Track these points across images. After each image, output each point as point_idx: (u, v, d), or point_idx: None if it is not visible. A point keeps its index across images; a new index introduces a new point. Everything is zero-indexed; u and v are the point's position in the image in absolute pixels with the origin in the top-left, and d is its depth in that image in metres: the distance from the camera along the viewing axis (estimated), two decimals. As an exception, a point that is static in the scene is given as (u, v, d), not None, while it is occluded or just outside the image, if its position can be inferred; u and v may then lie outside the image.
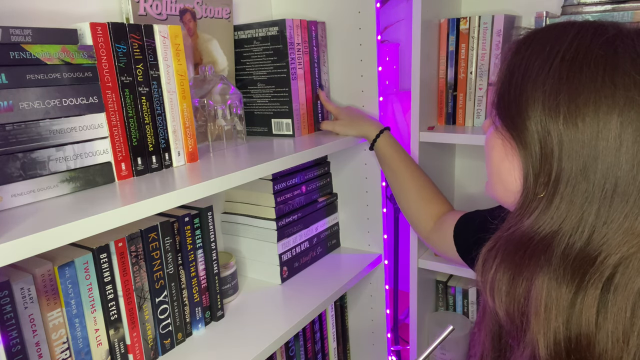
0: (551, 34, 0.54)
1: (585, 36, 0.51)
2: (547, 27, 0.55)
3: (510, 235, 0.55)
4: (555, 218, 0.51)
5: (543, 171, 0.52)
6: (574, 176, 0.49)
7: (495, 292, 0.54)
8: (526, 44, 0.55)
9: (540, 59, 0.52)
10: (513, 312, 0.53)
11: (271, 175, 1.04)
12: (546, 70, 0.51)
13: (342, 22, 1.12)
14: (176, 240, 0.84)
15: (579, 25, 0.52)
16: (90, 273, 0.71)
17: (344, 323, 1.31)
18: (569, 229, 0.50)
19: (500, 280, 0.54)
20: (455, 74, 1.17)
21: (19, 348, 0.63)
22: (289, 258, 1.10)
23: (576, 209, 0.49)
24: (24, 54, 0.60)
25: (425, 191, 0.98)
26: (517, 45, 0.56)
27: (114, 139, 0.72)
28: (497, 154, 0.59)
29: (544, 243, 0.51)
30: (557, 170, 0.50)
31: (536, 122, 0.51)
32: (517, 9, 1.20)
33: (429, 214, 0.96)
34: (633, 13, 0.95)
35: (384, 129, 1.04)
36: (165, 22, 0.90)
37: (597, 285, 0.48)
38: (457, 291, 1.32)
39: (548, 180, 0.51)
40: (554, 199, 0.51)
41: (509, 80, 0.55)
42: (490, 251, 0.56)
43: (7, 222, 0.56)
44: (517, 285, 0.52)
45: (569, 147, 0.49)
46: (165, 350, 0.84)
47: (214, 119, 0.92)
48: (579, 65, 0.49)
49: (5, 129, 0.60)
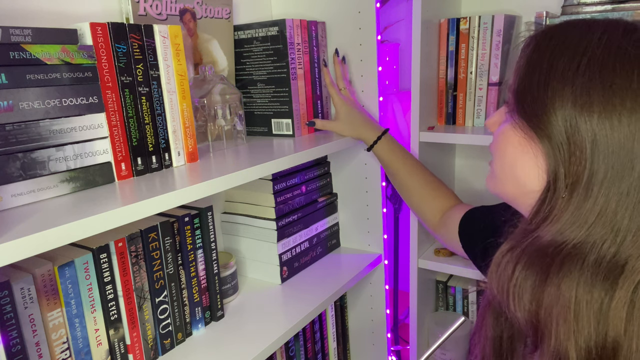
0: (575, 31, 0.52)
1: (614, 34, 0.50)
2: (566, 24, 0.54)
3: (535, 241, 0.53)
4: (587, 222, 0.49)
5: (571, 171, 0.50)
6: (609, 178, 0.48)
7: (516, 298, 0.53)
8: (546, 40, 0.54)
9: (566, 55, 0.51)
10: (536, 318, 0.52)
11: (271, 175, 1.04)
12: (574, 67, 0.50)
13: (342, 22, 1.12)
14: (176, 240, 0.84)
15: (605, 23, 0.51)
16: (90, 273, 0.71)
17: (344, 323, 1.31)
18: (601, 234, 0.49)
19: (522, 286, 0.52)
20: (455, 74, 1.17)
21: (19, 348, 0.63)
22: (289, 258, 1.10)
23: (610, 213, 0.48)
24: (24, 54, 0.60)
25: (429, 187, 0.98)
26: (535, 41, 0.55)
27: (114, 139, 0.72)
28: (513, 149, 0.57)
29: (575, 249, 0.50)
30: (590, 171, 0.49)
31: (564, 119, 0.50)
32: (517, 9, 1.20)
33: (435, 209, 0.96)
34: (633, 13, 0.95)
35: (382, 133, 1.03)
36: (165, 22, 0.90)
37: (628, 289, 0.47)
38: (457, 291, 1.32)
39: (576, 180, 0.50)
40: (585, 202, 0.49)
41: (530, 76, 0.53)
42: (506, 255, 0.55)
43: (7, 222, 0.56)
44: (543, 292, 0.51)
45: (604, 147, 0.48)
46: (165, 350, 0.84)
47: (214, 119, 0.92)
48: (612, 64, 0.48)
49: (5, 129, 0.60)
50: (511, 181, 0.59)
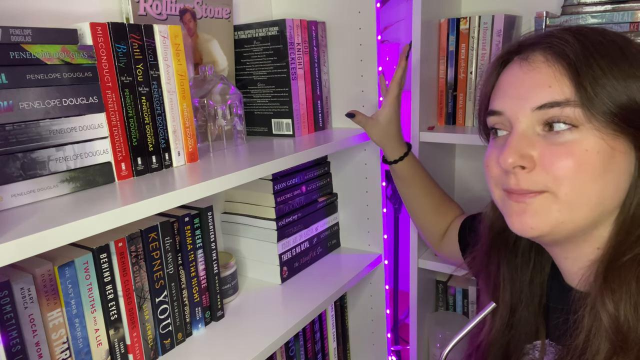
0: (588, 33, 0.55)
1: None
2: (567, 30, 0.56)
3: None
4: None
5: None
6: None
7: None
8: (574, 45, 0.54)
9: (607, 48, 0.53)
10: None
11: (271, 175, 1.04)
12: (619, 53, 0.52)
13: (342, 22, 1.12)
14: (176, 240, 0.84)
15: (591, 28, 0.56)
16: (90, 273, 0.71)
17: (344, 323, 1.31)
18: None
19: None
20: (455, 74, 1.17)
21: (19, 348, 0.63)
22: (289, 258, 1.10)
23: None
24: (24, 54, 0.60)
25: (439, 209, 0.96)
26: (562, 50, 0.54)
27: (114, 139, 0.72)
28: (602, 160, 0.52)
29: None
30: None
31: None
32: (517, 9, 1.20)
33: (442, 229, 0.95)
34: (633, 13, 0.95)
35: (408, 150, 0.97)
36: (165, 22, 0.90)
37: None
38: (457, 291, 1.32)
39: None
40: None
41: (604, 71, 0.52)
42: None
43: (7, 222, 0.56)
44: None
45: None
46: (165, 350, 0.84)
47: (214, 119, 0.92)
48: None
49: (5, 129, 0.60)
50: (596, 205, 0.54)
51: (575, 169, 0.53)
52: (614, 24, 0.97)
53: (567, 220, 0.55)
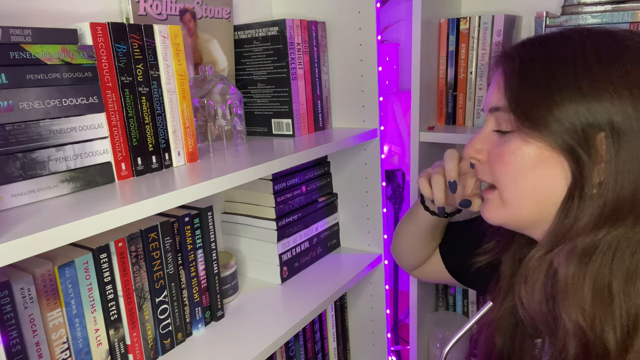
0: (552, 41, 0.56)
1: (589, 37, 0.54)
2: (535, 39, 0.58)
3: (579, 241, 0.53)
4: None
5: (596, 162, 0.51)
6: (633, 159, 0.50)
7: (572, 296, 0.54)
8: (529, 52, 0.57)
9: (560, 60, 0.54)
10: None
11: (271, 175, 1.04)
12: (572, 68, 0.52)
13: (342, 22, 1.12)
14: (176, 240, 0.84)
15: (571, 31, 0.56)
16: (90, 273, 0.71)
17: (344, 323, 1.31)
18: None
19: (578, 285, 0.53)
20: (455, 74, 1.17)
21: (19, 348, 0.63)
22: (289, 258, 1.10)
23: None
24: (24, 54, 0.60)
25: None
26: (518, 56, 0.57)
27: (114, 139, 0.72)
28: (532, 165, 0.55)
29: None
30: (616, 154, 0.50)
31: (577, 114, 0.51)
32: (517, 9, 1.20)
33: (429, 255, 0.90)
34: (633, 13, 0.95)
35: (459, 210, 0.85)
36: (165, 22, 0.90)
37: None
38: (457, 291, 1.32)
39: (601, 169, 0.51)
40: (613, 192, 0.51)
41: (531, 87, 0.55)
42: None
43: (7, 222, 0.56)
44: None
45: (622, 127, 0.49)
46: (165, 350, 0.84)
47: (214, 119, 0.92)
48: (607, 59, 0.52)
49: (5, 129, 0.60)
50: (531, 204, 0.57)
51: (506, 169, 0.58)
52: (614, 24, 0.97)
53: (512, 214, 0.60)
